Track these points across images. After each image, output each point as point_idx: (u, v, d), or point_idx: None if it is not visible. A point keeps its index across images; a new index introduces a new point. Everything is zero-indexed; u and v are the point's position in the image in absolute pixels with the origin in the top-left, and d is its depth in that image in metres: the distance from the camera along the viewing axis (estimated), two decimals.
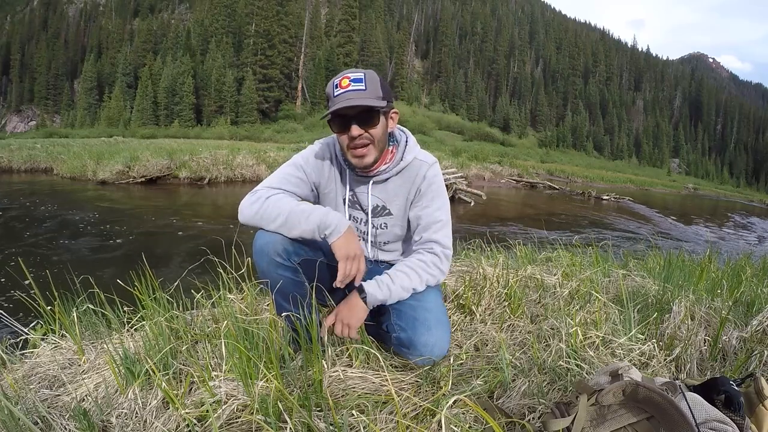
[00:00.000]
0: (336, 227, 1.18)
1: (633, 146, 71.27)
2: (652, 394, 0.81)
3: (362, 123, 1.21)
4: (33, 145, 16.55)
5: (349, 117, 1.20)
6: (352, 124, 1.21)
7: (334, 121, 1.23)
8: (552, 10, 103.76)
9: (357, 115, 1.20)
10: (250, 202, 1.26)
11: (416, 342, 1.22)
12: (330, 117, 1.21)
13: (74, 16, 65.71)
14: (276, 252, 1.20)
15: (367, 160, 1.26)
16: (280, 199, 1.25)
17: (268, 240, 1.21)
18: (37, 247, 5.16)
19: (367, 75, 1.21)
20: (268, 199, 1.25)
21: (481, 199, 12.23)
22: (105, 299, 1.47)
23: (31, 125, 53.28)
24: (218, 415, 1.01)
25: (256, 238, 1.24)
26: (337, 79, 1.21)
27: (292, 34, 49.39)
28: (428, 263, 1.31)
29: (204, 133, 37.17)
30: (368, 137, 1.24)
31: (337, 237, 1.17)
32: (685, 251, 2.90)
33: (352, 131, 1.21)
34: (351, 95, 1.17)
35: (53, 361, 1.33)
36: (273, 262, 1.20)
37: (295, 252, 1.23)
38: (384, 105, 1.22)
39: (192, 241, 5.68)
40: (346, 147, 1.26)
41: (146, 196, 9.80)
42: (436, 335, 1.23)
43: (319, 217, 1.18)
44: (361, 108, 1.19)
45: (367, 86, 1.19)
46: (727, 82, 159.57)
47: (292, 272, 1.23)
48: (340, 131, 1.24)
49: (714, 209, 21.41)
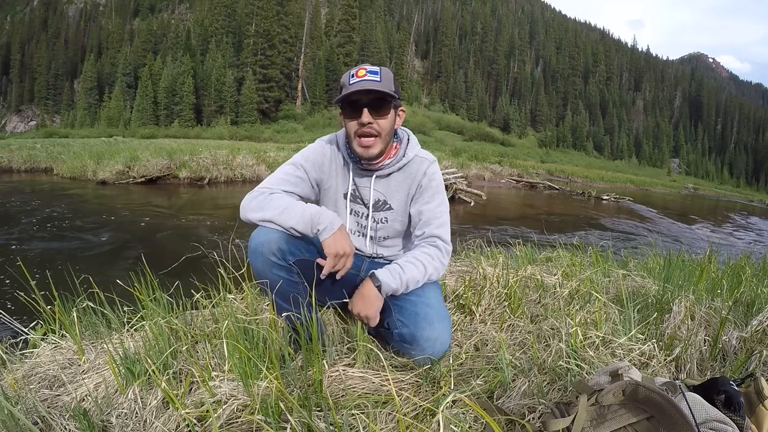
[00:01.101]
0: (329, 224, 1.21)
1: (633, 146, 71.21)
2: (652, 394, 0.81)
3: (373, 110, 1.25)
4: (33, 145, 16.53)
5: (361, 103, 1.24)
6: (362, 110, 1.24)
7: (346, 106, 1.27)
8: (552, 10, 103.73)
9: (369, 102, 1.25)
10: (251, 198, 1.30)
11: (419, 337, 1.22)
12: (342, 102, 1.26)
13: (74, 16, 65.62)
14: (271, 251, 1.21)
15: (372, 151, 1.29)
16: (281, 197, 1.29)
17: (262, 240, 1.22)
18: (37, 247, 5.16)
19: (383, 70, 1.27)
20: (270, 195, 1.29)
21: (481, 199, 12.23)
22: (105, 299, 1.47)
23: (31, 125, 53.22)
24: (218, 415, 1.01)
25: (250, 239, 1.25)
26: (354, 70, 1.26)
27: (292, 34, 49.38)
28: (433, 256, 1.34)
29: (204, 133, 37.10)
30: (376, 128, 1.27)
31: (329, 234, 1.20)
32: (685, 251, 2.90)
33: (362, 117, 1.25)
34: (367, 84, 1.22)
35: (53, 361, 1.33)
36: (268, 261, 1.21)
37: (290, 251, 1.23)
38: (396, 97, 1.27)
39: (192, 241, 5.67)
40: (354, 134, 1.28)
41: (146, 196, 9.79)
42: (438, 330, 1.23)
43: (313, 213, 1.22)
44: (374, 95, 1.23)
45: (382, 79, 1.25)
46: (727, 82, 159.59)
47: (287, 272, 1.23)
48: (351, 116, 1.27)
49: (714, 209, 21.41)
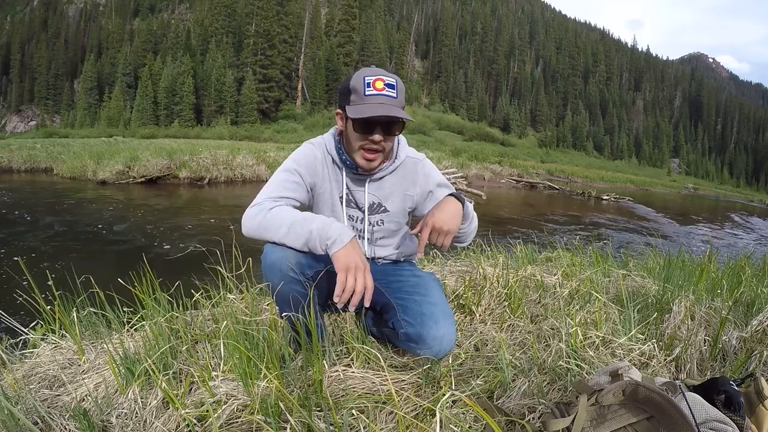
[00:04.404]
0: (338, 238, 1.12)
1: (633, 146, 71.13)
2: (652, 394, 0.81)
3: (386, 131, 1.23)
4: (33, 145, 16.53)
5: (375, 123, 1.21)
6: (376, 129, 1.21)
7: (359, 120, 1.21)
8: (552, 10, 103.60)
9: (384, 123, 1.21)
10: (252, 214, 1.22)
11: (425, 336, 1.22)
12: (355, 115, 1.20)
13: (74, 16, 65.54)
14: (289, 267, 1.15)
15: (374, 164, 1.29)
16: (282, 210, 1.21)
17: (279, 255, 1.16)
18: (37, 247, 5.16)
19: (399, 83, 1.22)
20: (270, 210, 1.21)
21: (481, 199, 12.24)
22: (105, 299, 1.47)
23: (31, 125, 53.18)
24: (218, 415, 1.01)
25: (266, 252, 1.19)
26: (370, 77, 1.20)
27: (292, 34, 49.35)
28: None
29: (204, 133, 37.05)
30: (384, 145, 1.25)
31: (339, 248, 1.11)
32: (685, 251, 2.90)
33: (374, 136, 1.22)
34: (385, 101, 1.18)
35: (53, 361, 1.33)
36: (287, 277, 1.15)
37: (309, 265, 1.18)
38: (409, 119, 1.23)
39: (192, 241, 5.68)
40: (359, 147, 1.26)
41: (146, 196, 9.79)
42: (444, 328, 1.23)
43: (320, 229, 1.13)
44: (392, 118, 1.20)
45: (397, 95, 1.21)
46: (727, 82, 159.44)
47: (303, 286, 1.18)
48: (362, 131, 1.23)
49: (714, 209, 21.40)
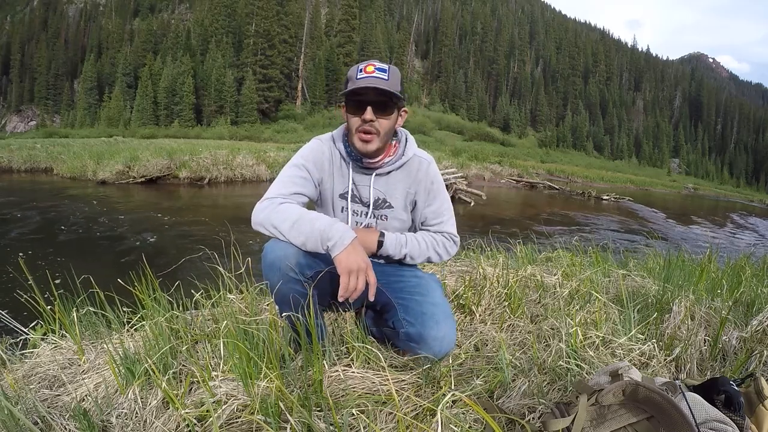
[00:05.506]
0: (339, 239, 1.12)
1: (633, 146, 71.10)
2: (652, 394, 0.81)
3: (377, 109, 1.25)
4: (33, 145, 16.53)
5: (366, 101, 1.24)
6: (366, 107, 1.25)
7: (351, 101, 1.26)
8: (552, 10, 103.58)
9: (374, 101, 1.24)
10: (262, 207, 1.25)
11: (426, 336, 1.23)
12: (347, 96, 1.25)
13: (74, 16, 65.52)
14: (289, 267, 1.16)
15: (370, 146, 1.29)
16: (290, 206, 1.23)
17: (279, 254, 1.17)
18: (37, 247, 5.16)
19: (392, 68, 1.27)
20: (280, 205, 1.23)
21: (481, 199, 12.24)
22: (105, 299, 1.47)
23: (31, 125, 53.16)
24: (218, 414, 1.01)
25: (265, 251, 1.20)
26: (363, 65, 1.26)
27: (292, 34, 49.35)
28: (438, 242, 1.40)
29: (204, 133, 37.03)
30: (377, 126, 1.27)
31: (341, 250, 1.11)
32: (685, 251, 2.90)
33: (365, 114, 1.24)
34: (374, 80, 1.22)
35: (53, 361, 1.33)
36: (286, 276, 1.16)
37: (308, 265, 1.19)
38: (401, 98, 1.27)
39: (192, 241, 5.68)
40: (355, 129, 1.28)
41: (146, 196, 9.79)
42: (444, 329, 1.24)
43: (323, 228, 1.14)
44: (380, 93, 1.23)
45: (389, 77, 1.24)
46: (727, 82, 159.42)
47: (303, 285, 1.18)
48: (354, 112, 1.27)
49: (714, 209, 21.41)
